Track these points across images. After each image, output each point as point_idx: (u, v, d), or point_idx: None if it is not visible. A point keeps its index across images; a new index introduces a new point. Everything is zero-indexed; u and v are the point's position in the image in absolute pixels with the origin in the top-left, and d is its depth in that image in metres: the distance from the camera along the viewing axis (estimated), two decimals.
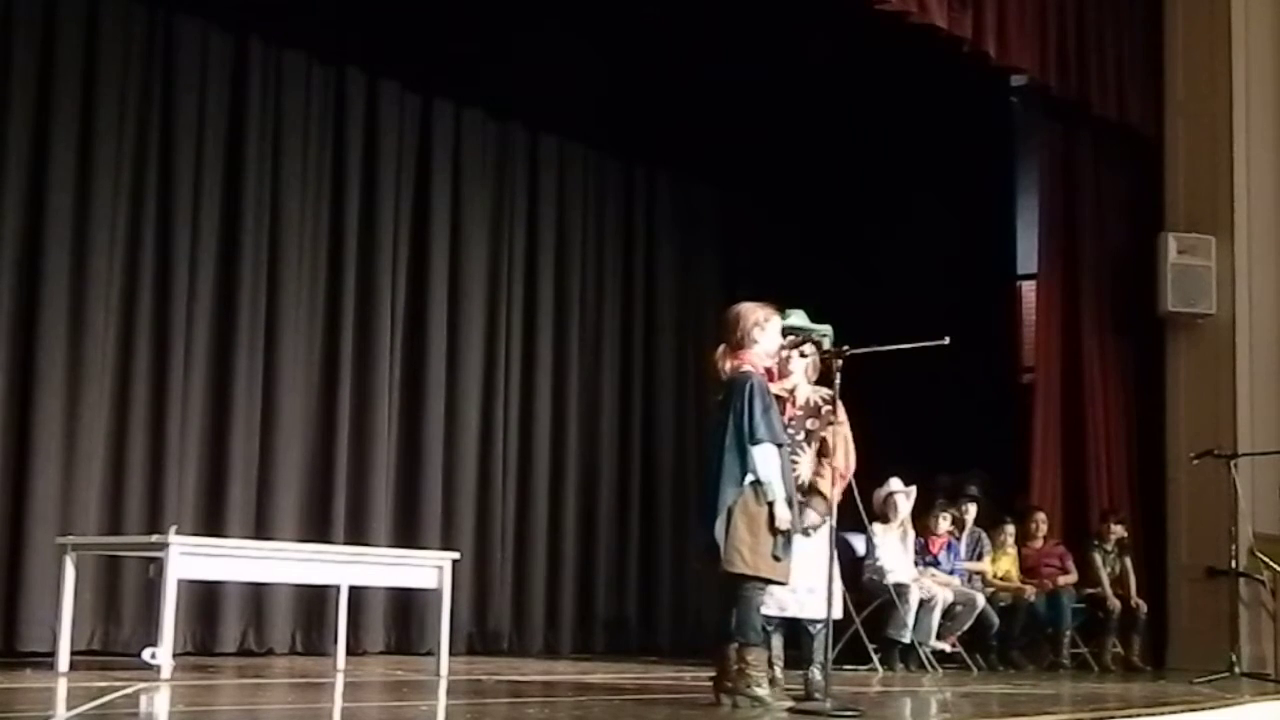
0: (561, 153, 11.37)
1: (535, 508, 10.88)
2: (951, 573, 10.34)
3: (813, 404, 6.65)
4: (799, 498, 6.29)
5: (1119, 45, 11.69)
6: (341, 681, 7.44)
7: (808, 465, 6.53)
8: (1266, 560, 10.68)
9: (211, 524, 8.84)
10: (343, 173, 9.94)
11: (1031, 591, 10.65)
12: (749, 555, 5.88)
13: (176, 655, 7.11)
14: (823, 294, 7.30)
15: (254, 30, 9.43)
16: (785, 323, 6.41)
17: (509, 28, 10.27)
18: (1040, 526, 11.09)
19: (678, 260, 12.22)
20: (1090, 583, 10.98)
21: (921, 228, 12.59)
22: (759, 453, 5.90)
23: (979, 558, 10.69)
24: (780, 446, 6.01)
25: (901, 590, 9.69)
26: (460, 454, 10.39)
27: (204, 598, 8.83)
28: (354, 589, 8.36)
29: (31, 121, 8.46)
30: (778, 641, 6.66)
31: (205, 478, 9.06)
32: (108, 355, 8.68)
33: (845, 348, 6.24)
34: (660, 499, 11.76)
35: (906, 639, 9.71)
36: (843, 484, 6.83)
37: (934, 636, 9.88)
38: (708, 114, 11.26)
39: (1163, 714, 6.93)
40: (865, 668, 9.53)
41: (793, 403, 6.61)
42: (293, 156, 9.63)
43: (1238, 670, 9.57)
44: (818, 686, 6.34)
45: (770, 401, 6.05)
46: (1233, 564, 9.98)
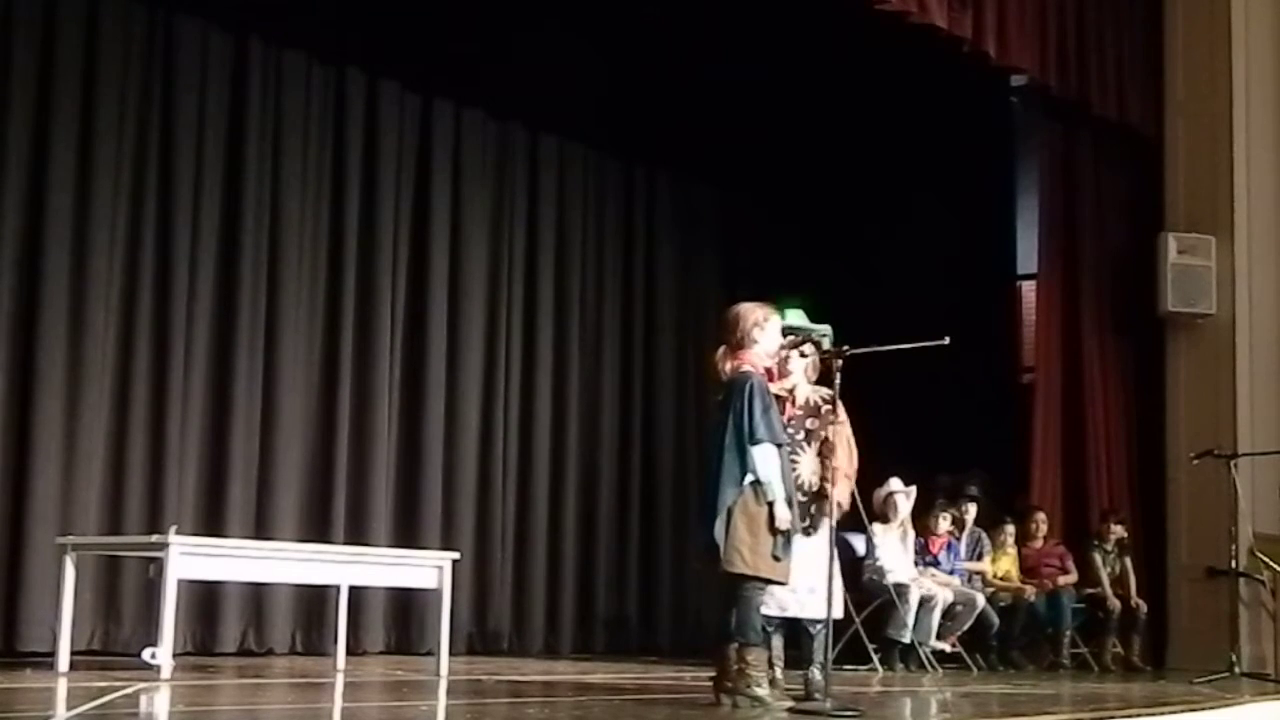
0: (561, 153, 11.37)
1: (535, 507, 10.88)
2: (951, 573, 10.34)
3: (813, 404, 6.66)
4: (800, 497, 6.30)
5: (1119, 45, 11.69)
6: (341, 681, 7.44)
7: (808, 465, 6.53)
8: (1266, 560, 10.68)
9: (211, 524, 8.84)
10: (343, 173, 9.95)
11: (1031, 591, 10.65)
12: (749, 555, 5.88)
13: (176, 655, 7.11)
14: (823, 294, 7.31)
15: (254, 30, 9.43)
16: (785, 323, 6.42)
17: (509, 28, 10.27)
18: (1040, 526, 11.09)
19: (678, 260, 12.22)
20: (1090, 583, 10.98)
21: (921, 228, 12.59)
22: (759, 453, 5.91)
23: (979, 558, 10.68)
24: (780, 446, 6.02)
25: (901, 590, 9.69)
26: (460, 454, 10.39)
27: (204, 598, 8.83)
28: (354, 589, 8.36)
29: (31, 121, 8.46)
30: (778, 641, 6.67)
31: (205, 478, 9.06)
32: (108, 355, 8.68)
33: (845, 348, 6.25)
34: (660, 499, 11.76)
35: (906, 639, 9.71)
36: (848, 484, 6.85)
37: (934, 636, 9.88)
38: (708, 114, 11.26)
39: (1163, 714, 6.93)
40: (865, 668, 9.52)
41: (792, 402, 6.62)
42: (293, 156, 9.63)
43: (1238, 670, 9.57)
44: (818, 686, 6.34)
45: (770, 402, 6.05)
46: (1233, 564, 9.98)
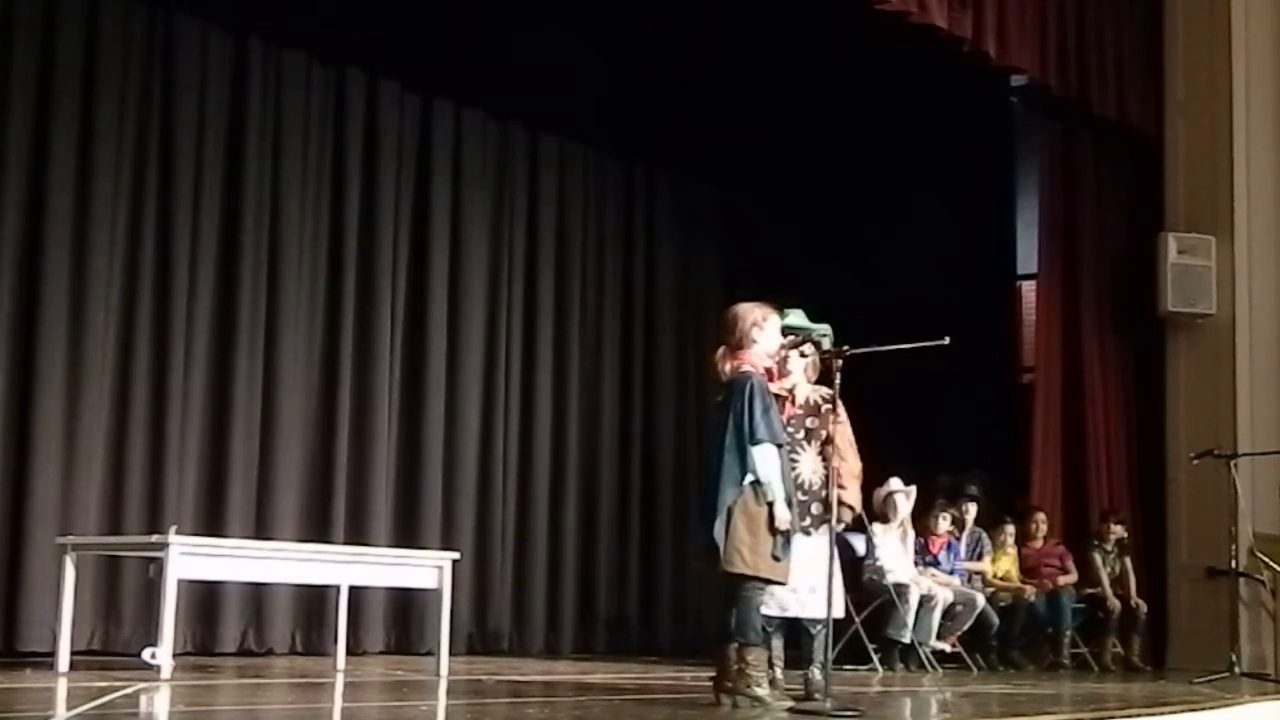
0: (561, 153, 11.37)
1: (535, 507, 10.88)
2: (951, 573, 10.34)
3: (812, 403, 6.66)
4: (800, 496, 6.31)
5: (1119, 45, 11.69)
6: (341, 681, 7.44)
7: (808, 465, 6.53)
8: (1266, 560, 10.68)
9: (211, 524, 8.84)
10: (343, 173, 9.95)
11: (1031, 591, 10.65)
12: (749, 555, 5.88)
13: (176, 655, 7.11)
14: (823, 294, 7.30)
15: (254, 30, 9.43)
16: (784, 322, 6.42)
17: (509, 28, 10.27)
18: (1040, 526, 11.09)
19: (678, 260, 12.22)
20: (1090, 583, 10.98)
21: (921, 228, 12.59)
22: (759, 453, 5.91)
23: (979, 558, 10.68)
24: (780, 447, 6.02)
25: (901, 590, 9.69)
26: (460, 454, 10.39)
27: (204, 598, 8.83)
28: (354, 589, 8.37)
29: (31, 121, 8.46)
30: (778, 641, 6.67)
31: (205, 478, 9.06)
32: (108, 355, 8.68)
33: (845, 348, 6.25)
34: (660, 499, 11.75)
35: (906, 639, 9.71)
36: (856, 483, 6.86)
37: (934, 636, 9.88)
38: (708, 114, 11.26)
39: (1163, 714, 6.93)
40: (865, 668, 9.52)
41: (792, 402, 6.62)
42: (293, 156, 9.63)
43: (1238, 670, 9.57)
44: (818, 686, 6.34)
45: (770, 402, 6.06)
46: (1233, 564, 9.98)
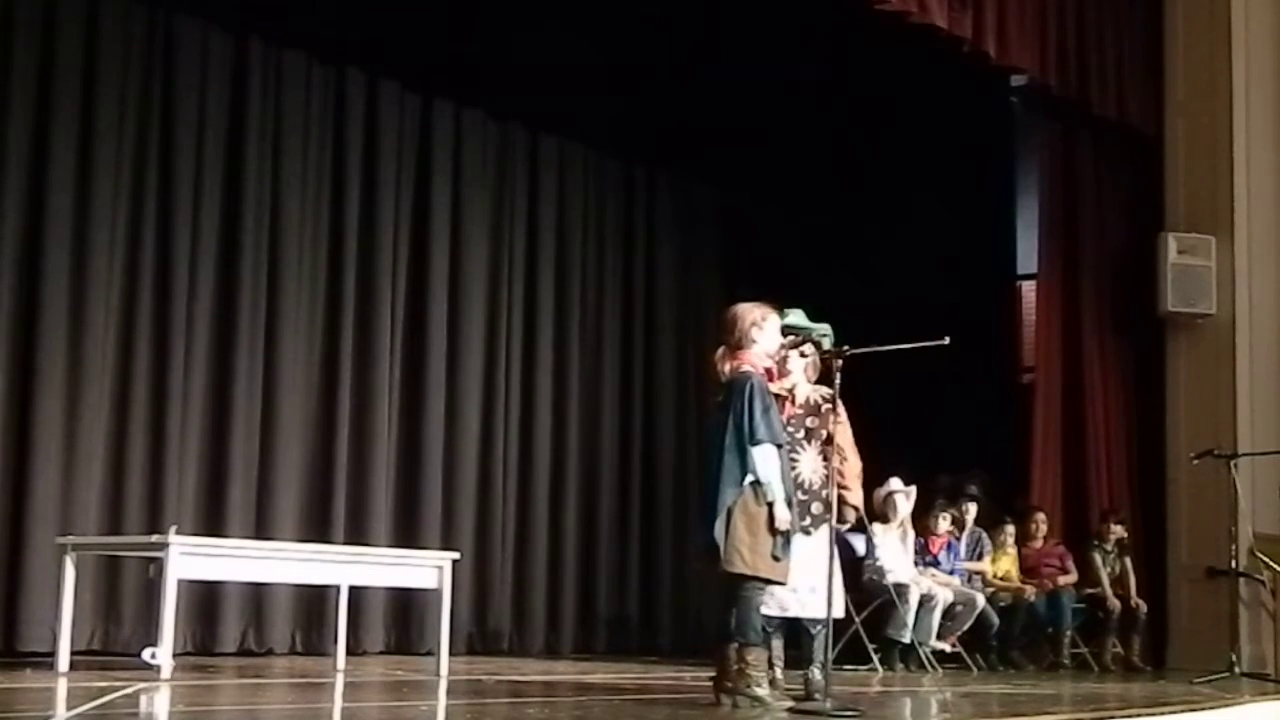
0: (561, 153, 11.36)
1: (535, 507, 10.87)
2: (951, 573, 10.34)
3: (812, 403, 6.66)
4: (800, 496, 6.31)
5: (1119, 45, 11.69)
6: (341, 681, 7.44)
7: (808, 464, 6.53)
8: (1266, 560, 10.68)
9: (211, 524, 8.84)
10: (343, 173, 9.95)
11: (1031, 591, 10.65)
12: (748, 555, 5.89)
13: (176, 655, 7.11)
14: (823, 294, 7.30)
15: (254, 30, 9.43)
16: (784, 322, 6.42)
17: (509, 28, 10.27)
18: (1040, 526, 11.08)
19: (678, 260, 12.22)
20: (1090, 583, 10.98)
21: (921, 228, 12.59)
22: (759, 453, 5.91)
23: (979, 558, 10.68)
24: (780, 447, 6.02)
25: (901, 590, 9.69)
26: (460, 454, 10.39)
27: (204, 598, 8.83)
28: (354, 589, 8.36)
29: (31, 121, 8.46)
30: (778, 642, 6.67)
31: (205, 478, 9.06)
32: (108, 355, 8.68)
33: (845, 348, 6.25)
34: (660, 499, 11.75)
35: (906, 639, 9.71)
36: (858, 482, 6.86)
37: (934, 636, 9.88)
38: (708, 114, 11.26)
39: (1163, 714, 6.93)
40: (865, 668, 9.52)
41: (792, 402, 6.62)
42: (293, 156, 9.63)
43: (1238, 670, 9.56)
44: (818, 686, 6.34)
45: (770, 402, 6.06)
46: (1233, 564, 9.97)
